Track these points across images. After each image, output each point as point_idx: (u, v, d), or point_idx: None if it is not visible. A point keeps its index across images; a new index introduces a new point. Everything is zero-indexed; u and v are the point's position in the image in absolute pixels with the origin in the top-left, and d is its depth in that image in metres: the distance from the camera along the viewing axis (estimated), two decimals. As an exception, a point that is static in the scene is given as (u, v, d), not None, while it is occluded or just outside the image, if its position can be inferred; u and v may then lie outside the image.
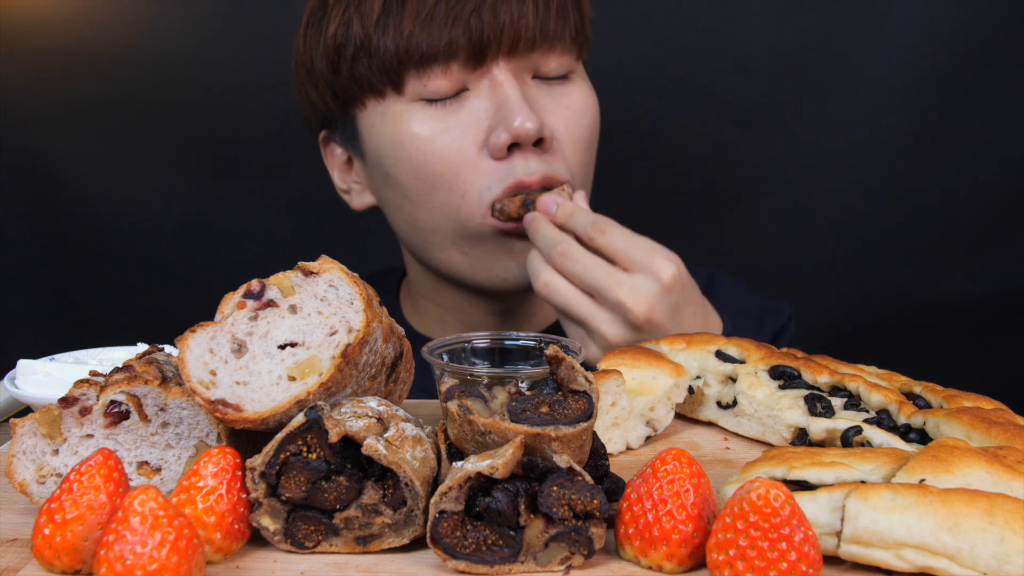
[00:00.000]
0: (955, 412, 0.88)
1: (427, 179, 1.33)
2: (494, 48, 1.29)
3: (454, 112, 1.32)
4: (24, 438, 0.78)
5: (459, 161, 1.31)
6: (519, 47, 1.31)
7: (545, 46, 1.33)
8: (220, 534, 0.69)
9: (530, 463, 0.68)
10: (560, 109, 1.36)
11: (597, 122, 1.42)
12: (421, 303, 1.57)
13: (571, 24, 1.36)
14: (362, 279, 0.80)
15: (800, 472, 0.72)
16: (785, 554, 0.62)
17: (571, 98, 1.38)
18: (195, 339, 0.76)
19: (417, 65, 1.30)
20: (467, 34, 1.28)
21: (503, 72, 1.31)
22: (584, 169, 1.40)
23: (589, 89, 1.43)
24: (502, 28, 1.28)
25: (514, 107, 1.29)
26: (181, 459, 0.80)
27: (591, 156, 1.42)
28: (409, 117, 1.33)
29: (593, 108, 1.41)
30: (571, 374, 0.74)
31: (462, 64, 1.30)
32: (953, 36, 1.97)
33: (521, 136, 1.29)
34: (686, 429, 1.06)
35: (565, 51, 1.37)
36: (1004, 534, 0.64)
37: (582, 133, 1.38)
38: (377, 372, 0.82)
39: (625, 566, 0.69)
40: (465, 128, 1.32)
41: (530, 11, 1.30)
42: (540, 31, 1.31)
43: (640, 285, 1.17)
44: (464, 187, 1.32)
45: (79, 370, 0.99)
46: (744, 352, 1.06)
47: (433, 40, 1.28)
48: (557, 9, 1.33)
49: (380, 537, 0.72)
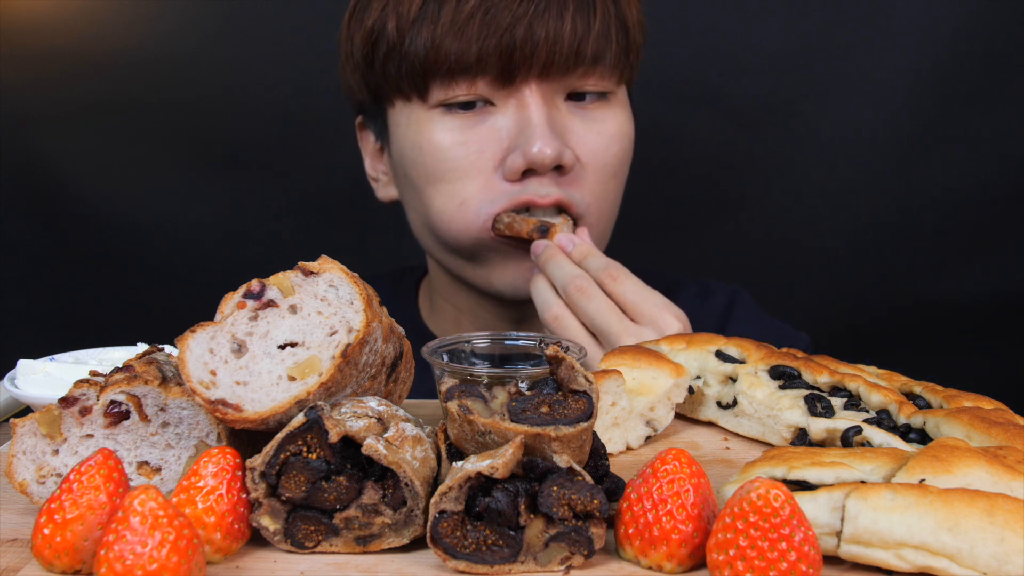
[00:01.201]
0: (955, 412, 0.88)
1: (436, 185, 1.32)
2: (525, 68, 1.24)
3: (475, 125, 1.29)
4: (24, 438, 0.78)
5: (471, 175, 1.29)
6: (552, 69, 1.25)
7: (582, 69, 1.27)
8: (220, 534, 0.69)
9: (530, 463, 0.68)
10: (589, 134, 1.31)
11: (628, 151, 1.37)
12: (439, 303, 1.56)
13: (613, 47, 1.29)
14: (363, 279, 0.80)
15: (800, 472, 0.72)
16: (785, 554, 0.62)
17: (604, 124, 1.32)
18: (195, 339, 0.76)
19: (444, 75, 1.26)
20: (499, 50, 1.22)
21: (533, 93, 1.26)
22: (605, 197, 1.35)
23: (626, 115, 1.37)
24: (536, 47, 1.23)
25: (535, 131, 1.24)
26: (181, 459, 0.80)
27: (617, 184, 1.37)
28: (432, 125, 1.30)
29: (626, 136, 1.35)
30: (571, 374, 0.74)
31: (490, 80, 1.26)
32: (954, 37, 1.97)
33: (537, 163, 1.25)
34: (686, 429, 1.05)
35: (604, 75, 1.30)
36: (1004, 534, 0.64)
37: (608, 161, 1.33)
38: (377, 372, 0.82)
39: (625, 566, 0.69)
40: (484, 143, 1.28)
41: (567, 30, 1.24)
42: (577, 53, 1.25)
43: (646, 338, 1.15)
44: (463, 196, 1.30)
45: (79, 370, 0.99)
46: (744, 352, 1.06)
47: (463, 52, 1.23)
48: (600, 31, 1.26)
49: (380, 537, 0.72)
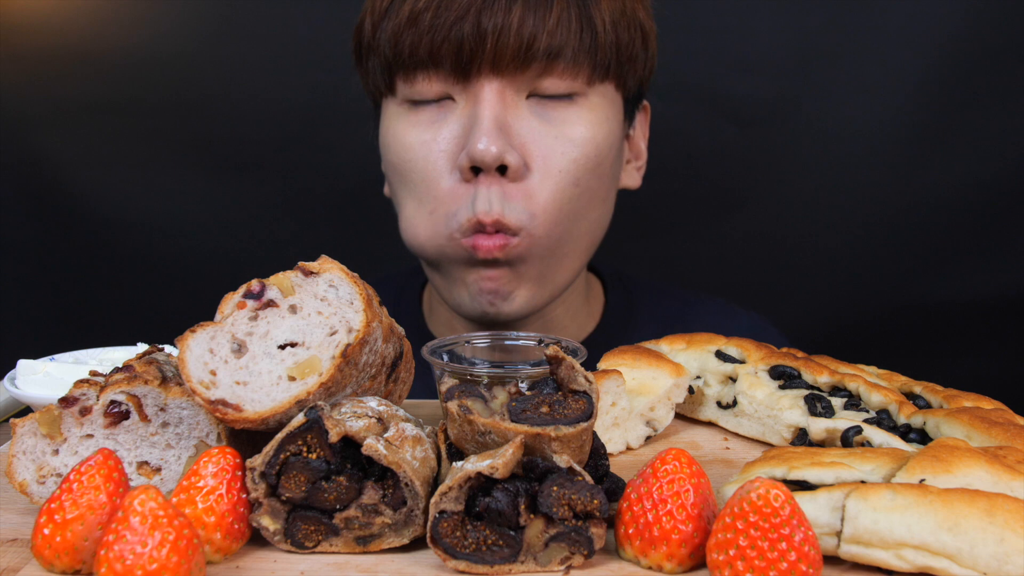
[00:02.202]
0: (955, 412, 0.88)
1: (406, 186, 1.29)
2: (476, 62, 1.20)
3: (435, 122, 1.25)
4: (24, 438, 0.78)
5: (434, 176, 1.25)
6: (503, 64, 1.20)
7: (537, 65, 1.21)
8: (220, 534, 0.69)
9: (530, 463, 0.68)
10: (546, 137, 1.23)
11: (592, 155, 1.26)
12: (435, 305, 1.55)
13: (573, 44, 1.21)
14: (371, 280, 0.80)
15: (800, 472, 0.72)
16: (785, 554, 0.62)
17: (565, 126, 1.24)
18: (195, 339, 0.77)
19: (404, 69, 1.24)
20: (448, 43, 1.19)
21: (488, 88, 1.21)
22: (559, 207, 1.25)
23: (595, 118, 1.27)
24: (484, 40, 1.18)
25: (480, 129, 1.18)
26: (181, 459, 0.80)
27: (578, 192, 1.26)
28: (397, 120, 1.29)
29: (590, 140, 1.25)
30: (571, 374, 0.74)
31: (446, 75, 1.22)
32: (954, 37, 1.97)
33: (477, 161, 1.19)
34: (686, 429, 1.05)
35: (567, 71, 1.22)
36: (1004, 534, 0.64)
37: (565, 166, 1.23)
38: (377, 372, 0.82)
39: (625, 566, 0.69)
40: (441, 142, 1.24)
41: (515, 22, 1.17)
42: (528, 47, 1.19)
43: None
44: (433, 204, 1.26)
45: (79, 370, 0.99)
46: (744, 352, 1.06)
47: (415, 45, 1.21)
48: (556, 26, 1.19)
49: (380, 537, 0.72)
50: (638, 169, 1.48)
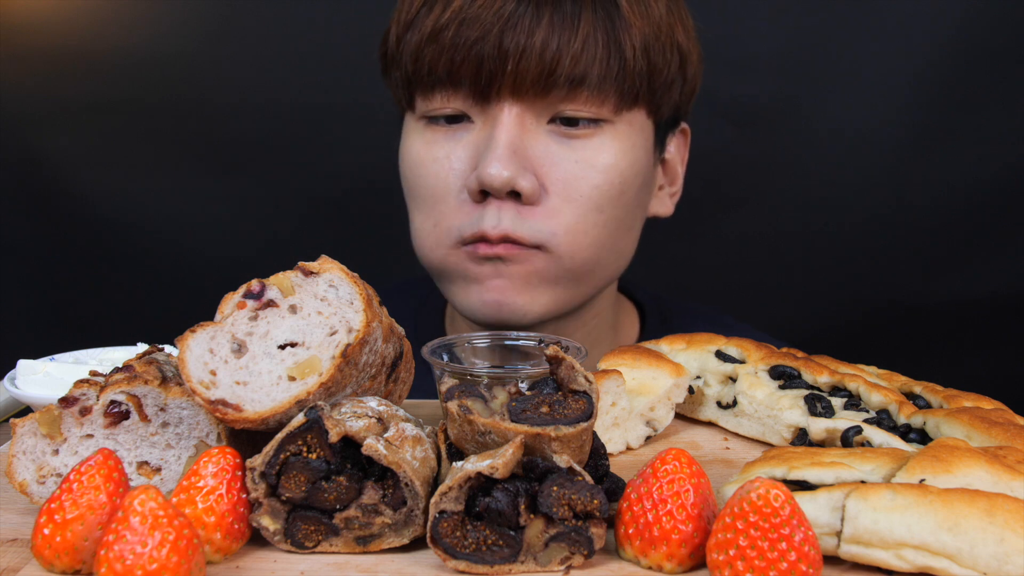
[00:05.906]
0: (955, 412, 0.88)
1: (415, 200, 1.29)
2: (496, 84, 1.16)
3: (449, 140, 1.23)
4: (24, 438, 0.78)
5: (442, 194, 1.23)
6: (524, 87, 1.16)
7: (563, 89, 1.16)
8: (220, 534, 0.69)
9: (530, 463, 0.68)
10: (566, 162, 1.19)
11: (616, 183, 1.21)
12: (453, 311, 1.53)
13: (600, 67, 1.16)
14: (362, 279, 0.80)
15: (800, 472, 0.72)
16: (785, 554, 0.62)
17: (588, 152, 1.20)
18: (195, 339, 0.77)
19: (424, 86, 1.22)
20: (468, 62, 1.16)
21: (507, 112, 1.18)
22: (585, 231, 1.21)
23: (619, 146, 1.22)
24: (505, 61, 1.15)
25: (493, 152, 1.15)
26: (181, 459, 0.80)
27: (603, 219, 1.22)
28: (413, 136, 1.27)
29: (613, 167, 1.21)
30: (571, 374, 0.74)
31: (466, 95, 1.19)
32: (954, 37, 1.97)
33: (486, 185, 1.16)
34: (686, 429, 1.05)
35: (592, 99, 1.18)
36: (1004, 534, 0.64)
37: (586, 192, 1.20)
38: (377, 372, 0.82)
39: (625, 566, 0.69)
40: (455, 161, 1.22)
41: (538, 45, 1.13)
42: (551, 71, 1.14)
43: None
44: (439, 217, 1.25)
45: (79, 370, 0.99)
46: (744, 352, 1.06)
47: (435, 63, 1.18)
48: (583, 46, 1.15)
49: (380, 537, 0.72)
50: (671, 196, 1.42)
